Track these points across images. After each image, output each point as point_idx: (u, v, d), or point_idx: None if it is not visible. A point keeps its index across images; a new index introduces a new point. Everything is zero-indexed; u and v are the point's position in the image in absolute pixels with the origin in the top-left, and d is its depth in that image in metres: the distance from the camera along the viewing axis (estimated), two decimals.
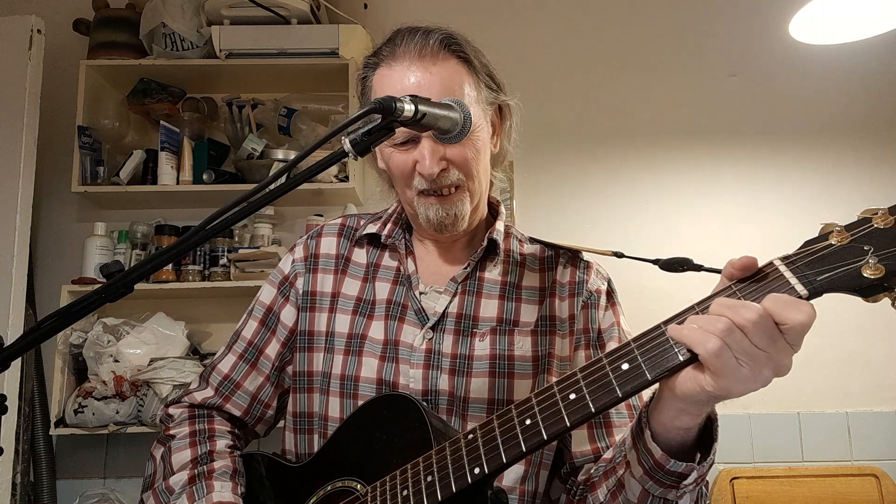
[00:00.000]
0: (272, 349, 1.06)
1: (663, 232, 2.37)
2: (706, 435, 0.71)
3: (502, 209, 1.10)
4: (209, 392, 1.06)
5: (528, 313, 1.00)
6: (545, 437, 0.69)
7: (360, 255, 1.07)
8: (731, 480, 2.14)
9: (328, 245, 1.08)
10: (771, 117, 2.44)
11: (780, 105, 2.44)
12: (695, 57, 2.46)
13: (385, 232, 1.05)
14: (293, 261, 1.09)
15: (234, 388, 1.05)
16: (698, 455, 0.71)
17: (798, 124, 2.43)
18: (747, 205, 2.38)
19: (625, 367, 0.66)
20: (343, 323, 1.01)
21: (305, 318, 1.04)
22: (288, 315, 1.06)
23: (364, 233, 1.07)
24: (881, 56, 2.38)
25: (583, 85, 2.46)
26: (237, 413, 1.05)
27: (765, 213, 2.37)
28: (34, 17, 2.05)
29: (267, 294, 1.09)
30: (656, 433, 0.70)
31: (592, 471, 0.90)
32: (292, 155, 2.15)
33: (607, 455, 0.91)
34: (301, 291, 1.06)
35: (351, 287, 1.04)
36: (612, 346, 1.00)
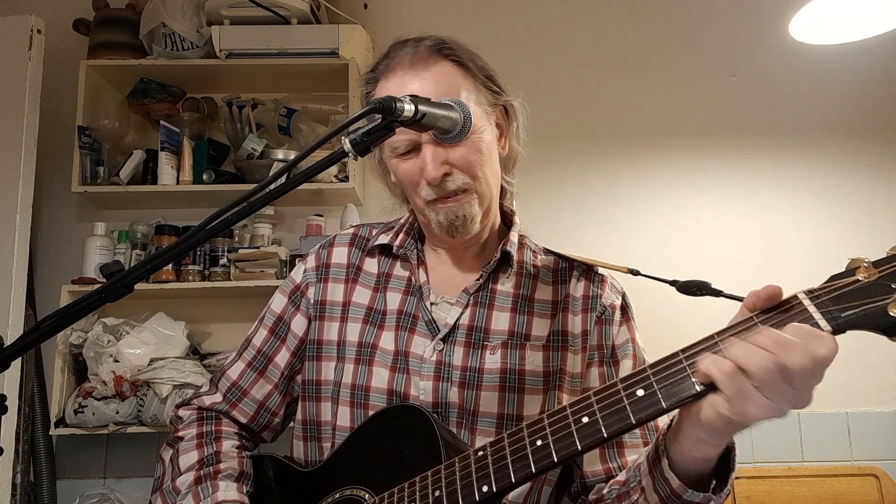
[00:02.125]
0: (281, 358, 1.05)
1: (663, 231, 2.35)
2: (723, 464, 0.72)
3: (517, 220, 1.09)
4: (218, 397, 1.06)
5: (540, 327, 0.99)
6: (555, 459, 0.69)
7: (372, 265, 1.06)
8: None
9: (339, 255, 1.08)
10: (771, 117, 2.44)
11: (780, 105, 2.44)
12: (695, 57, 2.46)
13: (397, 242, 1.05)
14: (305, 270, 1.08)
15: (242, 396, 1.05)
16: (713, 482, 0.72)
17: (798, 124, 2.43)
18: (747, 205, 2.38)
19: (640, 393, 0.66)
20: (353, 332, 1.01)
21: (316, 327, 1.04)
22: (298, 324, 1.05)
23: (376, 243, 1.06)
24: (881, 56, 2.38)
25: (583, 85, 2.46)
26: (243, 420, 1.06)
27: (765, 212, 2.36)
28: (34, 17, 2.04)
29: (278, 303, 1.08)
30: (674, 462, 0.71)
31: (605, 492, 0.90)
32: (292, 155, 2.15)
33: (620, 477, 0.90)
34: (312, 301, 1.05)
35: (362, 296, 1.03)
36: (626, 363, 0.99)
